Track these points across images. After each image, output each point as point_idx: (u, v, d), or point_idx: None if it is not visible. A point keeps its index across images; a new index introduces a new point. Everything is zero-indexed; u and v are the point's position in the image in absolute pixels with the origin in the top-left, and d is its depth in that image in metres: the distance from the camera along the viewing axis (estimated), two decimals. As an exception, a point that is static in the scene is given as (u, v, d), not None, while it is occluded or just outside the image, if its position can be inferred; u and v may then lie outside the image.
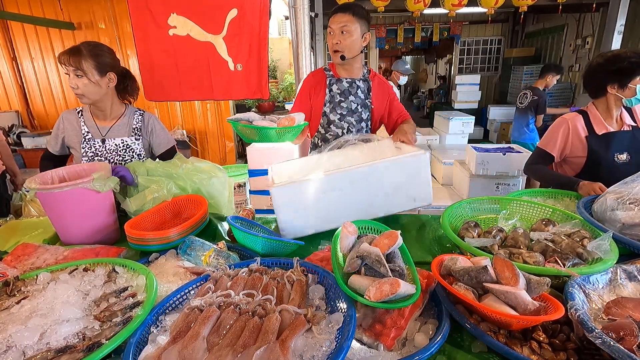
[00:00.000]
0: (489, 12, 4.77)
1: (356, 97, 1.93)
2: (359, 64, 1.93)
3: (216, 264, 1.15)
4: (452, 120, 5.50)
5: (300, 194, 1.35)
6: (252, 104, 6.78)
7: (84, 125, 1.77)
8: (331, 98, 1.94)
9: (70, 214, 1.39)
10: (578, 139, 1.82)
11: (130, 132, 1.82)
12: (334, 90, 1.93)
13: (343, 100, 1.93)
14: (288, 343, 0.74)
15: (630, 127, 1.79)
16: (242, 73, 2.66)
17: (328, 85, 1.94)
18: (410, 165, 1.40)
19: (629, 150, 1.77)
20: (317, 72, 2.00)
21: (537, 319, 0.80)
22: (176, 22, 2.55)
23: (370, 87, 1.96)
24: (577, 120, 1.82)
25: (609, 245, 1.05)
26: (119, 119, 1.81)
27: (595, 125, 1.79)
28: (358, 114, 1.96)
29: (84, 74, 1.61)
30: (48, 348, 0.78)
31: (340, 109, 1.94)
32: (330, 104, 1.95)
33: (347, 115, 1.95)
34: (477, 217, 1.44)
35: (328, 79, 1.94)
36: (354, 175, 1.37)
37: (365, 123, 2.00)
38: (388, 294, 0.82)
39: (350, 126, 1.97)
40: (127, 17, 2.63)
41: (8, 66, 5.53)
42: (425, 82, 14.79)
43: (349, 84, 1.93)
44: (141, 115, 1.86)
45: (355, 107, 1.94)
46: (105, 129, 1.79)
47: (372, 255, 0.93)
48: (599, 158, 1.78)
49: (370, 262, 0.93)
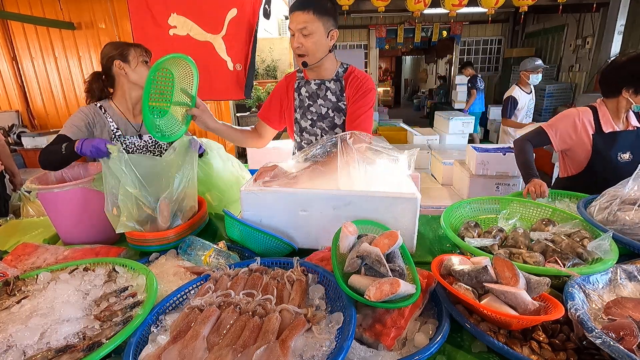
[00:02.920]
0: (489, 12, 4.78)
1: (326, 100, 1.70)
2: (329, 63, 1.68)
3: (216, 264, 1.15)
4: (452, 120, 5.51)
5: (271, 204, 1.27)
6: (252, 104, 6.79)
7: (111, 121, 1.71)
8: (300, 102, 1.74)
9: (71, 213, 1.39)
10: (586, 134, 1.81)
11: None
12: (303, 94, 1.73)
13: (312, 104, 1.72)
14: (288, 343, 0.75)
15: (635, 128, 1.80)
16: (241, 73, 2.66)
17: (296, 88, 1.74)
18: (398, 207, 1.23)
19: (632, 150, 1.78)
20: (289, 75, 1.81)
21: (537, 319, 0.80)
22: (176, 22, 2.55)
23: (344, 88, 1.69)
24: (588, 115, 1.82)
25: (609, 245, 1.05)
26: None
27: (603, 123, 1.79)
28: (330, 119, 1.71)
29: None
30: (48, 348, 0.78)
31: (310, 114, 1.73)
32: (300, 109, 1.75)
33: (318, 120, 1.73)
34: (477, 217, 1.44)
35: (297, 81, 1.75)
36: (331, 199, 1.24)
37: (341, 129, 1.73)
38: (388, 293, 0.82)
39: (322, 132, 1.74)
40: (127, 17, 2.62)
41: (8, 66, 5.53)
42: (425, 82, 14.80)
43: (318, 85, 1.70)
44: None
45: (326, 111, 1.71)
46: (139, 125, 1.77)
47: (372, 255, 0.92)
48: (603, 156, 1.79)
49: (370, 262, 0.93)
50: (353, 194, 1.24)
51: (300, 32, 1.54)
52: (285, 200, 1.25)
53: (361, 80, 1.67)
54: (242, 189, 1.28)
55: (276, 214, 1.27)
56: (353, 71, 1.71)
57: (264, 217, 1.27)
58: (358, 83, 1.66)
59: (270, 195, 1.25)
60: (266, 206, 1.27)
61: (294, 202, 1.25)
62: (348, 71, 1.71)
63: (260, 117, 1.85)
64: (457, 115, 5.66)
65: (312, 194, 1.25)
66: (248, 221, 1.25)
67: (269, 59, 7.54)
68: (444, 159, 3.77)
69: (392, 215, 1.22)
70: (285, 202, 1.25)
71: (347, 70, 1.71)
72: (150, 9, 2.51)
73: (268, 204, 1.26)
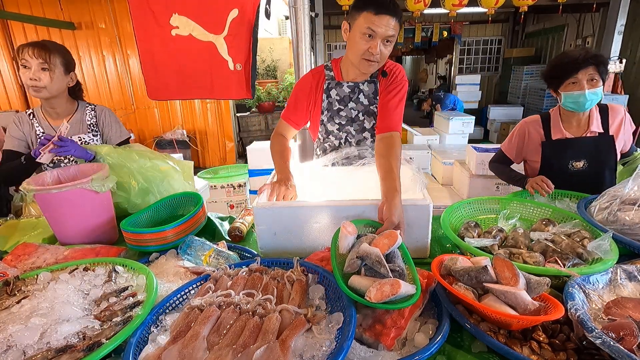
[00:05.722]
0: (489, 12, 4.78)
1: (357, 104, 1.63)
2: None
3: (216, 264, 1.15)
4: (452, 120, 5.51)
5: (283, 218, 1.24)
6: (252, 104, 6.80)
7: (38, 126, 1.73)
8: (329, 105, 1.65)
9: (69, 215, 1.39)
10: (533, 144, 1.78)
11: (87, 129, 1.78)
12: (332, 97, 1.64)
13: (342, 108, 1.64)
14: (288, 343, 0.75)
15: (597, 134, 1.68)
16: (241, 73, 2.66)
17: (326, 90, 1.64)
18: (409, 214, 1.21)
19: (587, 158, 1.68)
20: (317, 71, 1.67)
21: (537, 319, 0.80)
22: (178, 22, 2.55)
23: (378, 90, 1.60)
24: (535, 125, 1.78)
25: (609, 245, 1.05)
26: (72, 115, 1.78)
27: (553, 130, 1.73)
28: (359, 123, 1.65)
29: (50, 68, 1.61)
30: (48, 347, 0.78)
31: (338, 117, 1.66)
32: (328, 112, 1.66)
33: (347, 124, 1.66)
34: (477, 217, 1.45)
35: (327, 82, 1.63)
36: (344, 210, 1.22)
37: (370, 133, 1.66)
38: (389, 294, 0.82)
39: (349, 136, 1.68)
40: (127, 17, 2.63)
41: (8, 66, 5.53)
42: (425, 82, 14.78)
43: (351, 89, 1.61)
44: (93, 110, 1.82)
45: (356, 114, 1.64)
46: (58, 127, 1.72)
47: (372, 255, 0.92)
48: (552, 164, 1.73)
49: (370, 262, 0.93)
50: (366, 204, 1.22)
51: (386, 39, 1.40)
52: (298, 214, 1.24)
53: (395, 74, 1.58)
54: (255, 205, 1.27)
55: (290, 228, 1.26)
56: (391, 66, 1.61)
57: (278, 230, 1.26)
58: (394, 78, 1.57)
59: (283, 210, 1.24)
60: (279, 221, 1.25)
61: (307, 215, 1.24)
62: (384, 66, 1.59)
63: (286, 121, 1.68)
64: (457, 115, 5.66)
65: (325, 206, 1.24)
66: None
67: (269, 59, 7.55)
68: (444, 159, 3.77)
69: (405, 222, 1.20)
70: (298, 216, 1.23)
71: (383, 67, 1.59)
72: (152, 10, 2.51)
73: (281, 219, 1.25)
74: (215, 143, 6.34)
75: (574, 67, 1.57)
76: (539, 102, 7.27)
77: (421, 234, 1.24)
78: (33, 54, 1.57)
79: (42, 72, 1.59)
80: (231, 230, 1.47)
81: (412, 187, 1.40)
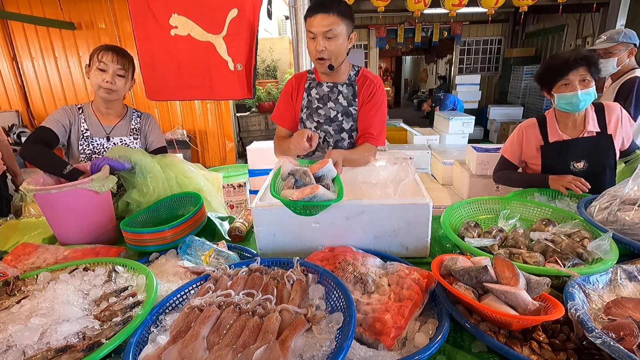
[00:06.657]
0: (489, 12, 4.78)
1: (336, 104, 1.68)
2: (344, 66, 1.66)
3: (216, 264, 1.15)
4: (452, 120, 5.51)
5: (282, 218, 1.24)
6: (252, 104, 6.80)
7: (84, 122, 1.77)
8: (308, 103, 1.71)
9: (69, 215, 1.39)
10: (531, 148, 1.78)
11: (129, 132, 1.84)
12: (312, 95, 1.70)
13: (321, 107, 1.69)
14: (288, 343, 0.74)
15: (595, 134, 1.68)
16: (241, 73, 2.66)
17: (307, 88, 1.71)
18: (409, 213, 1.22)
19: (586, 158, 1.67)
20: (300, 75, 1.78)
21: (537, 319, 0.80)
22: (177, 22, 2.55)
23: (356, 93, 1.67)
24: (532, 128, 1.77)
25: (609, 245, 1.05)
26: (122, 119, 1.84)
27: (550, 133, 1.72)
28: (337, 123, 1.70)
29: (125, 75, 1.72)
30: (48, 347, 0.78)
31: (317, 116, 1.70)
32: (307, 109, 1.72)
33: (325, 123, 1.71)
34: (477, 217, 1.45)
35: (308, 82, 1.72)
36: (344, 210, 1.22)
37: (348, 134, 1.71)
38: (308, 194, 1.04)
39: (327, 135, 1.72)
40: (127, 17, 2.63)
41: (8, 66, 5.53)
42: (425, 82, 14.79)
43: (330, 88, 1.68)
44: (139, 117, 1.90)
45: (335, 115, 1.69)
46: (109, 127, 1.81)
47: (300, 170, 1.22)
48: (553, 167, 1.71)
49: (298, 176, 1.21)
50: (366, 204, 1.23)
51: (324, 35, 1.48)
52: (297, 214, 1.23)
53: (375, 84, 1.67)
54: (253, 206, 1.27)
55: (289, 228, 1.26)
56: (365, 73, 1.69)
57: (277, 231, 1.26)
58: (372, 88, 1.66)
59: (281, 210, 1.23)
60: (278, 221, 1.25)
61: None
62: (360, 74, 1.69)
63: (274, 120, 1.81)
64: (457, 115, 5.66)
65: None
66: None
67: (269, 59, 7.54)
68: (444, 159, 3.77)
69: (406, 221, 1.21)
70: (297, 216, 1.22)
71: (359, 73, 1.69)
72: (152, 9, 2.51)
73: (280, 219, 1.25)
74: (215, 143, 6.35)
75: (565, 69, 1.57)
76: (539, 102, 7.28)
77: (421, 233, 1.24)
78: (113, 59, 1.65)
79: (117, 78, 1.68)
80: (231, 230, 1.47)
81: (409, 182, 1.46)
